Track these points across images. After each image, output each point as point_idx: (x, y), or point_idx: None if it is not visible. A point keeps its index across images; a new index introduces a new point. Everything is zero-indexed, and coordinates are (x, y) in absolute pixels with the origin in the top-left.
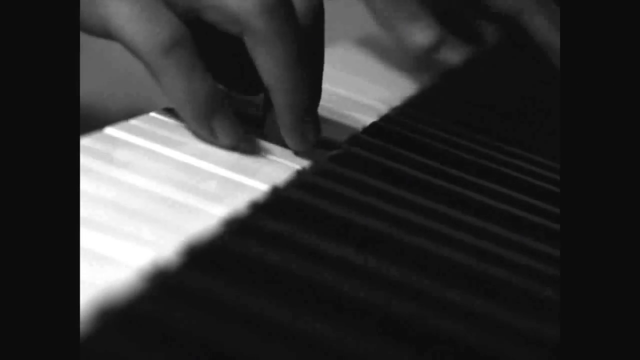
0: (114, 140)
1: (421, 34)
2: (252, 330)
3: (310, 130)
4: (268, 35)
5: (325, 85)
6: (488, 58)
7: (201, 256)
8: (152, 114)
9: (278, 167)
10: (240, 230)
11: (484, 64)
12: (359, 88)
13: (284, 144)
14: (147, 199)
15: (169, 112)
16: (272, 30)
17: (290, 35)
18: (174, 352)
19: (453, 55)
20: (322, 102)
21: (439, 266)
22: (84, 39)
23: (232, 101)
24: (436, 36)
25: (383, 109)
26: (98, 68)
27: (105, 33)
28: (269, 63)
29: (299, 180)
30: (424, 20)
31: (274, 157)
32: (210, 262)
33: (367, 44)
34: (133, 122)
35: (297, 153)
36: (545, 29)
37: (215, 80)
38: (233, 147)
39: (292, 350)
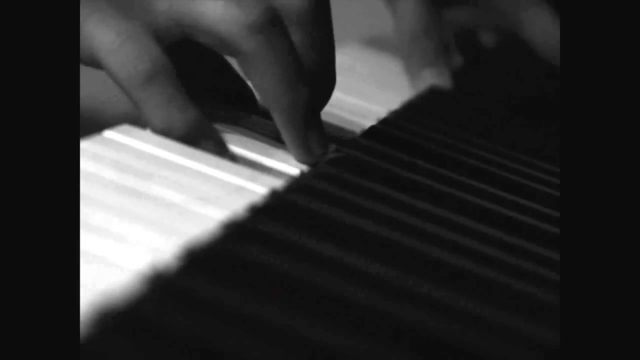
0: (113, 144)
1: (431, 80)
2: (251, 334)
3: (315, 143)
4: (259, 56)
5: None
6: (487, 61)
7: (200, 259)
8: None
9: (277, 170)
10: (239, 234)
11: (483, 67)
12: (358, 91)
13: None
14: (146, 202)
15: None
16: (262, 51)
17: (282, 53)
18: (173, 354)
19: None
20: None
21: (438, 269)
22: None
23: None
24: (445, 82)
25: (382, 112)
26: (98, 71)
27: (93, 63)
28: (264, 83)
29: (298, 184)
30: (436, 67)
31: (273, 161)
32: (209, 266)
33: (366, 47)
34: (132, 125)
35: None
36: (544, 27)
37: (211, 100)
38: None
39: (291, 353)
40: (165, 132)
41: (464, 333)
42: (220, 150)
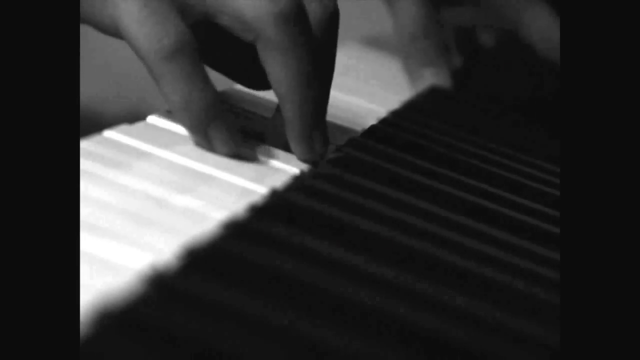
0: (113, 143)
1: (431, 80)
2: (251, 334)
3: (318, 140)
4: (281, 45)
5: None
6: (487, 61)
7: (200, 259)
8: (151, 117)
9: (277, 170)
10: (240, 234)
11: (483, 67)
12: (358, 91)
13: (285, 148)
14: (147, 202)
15: (168, 115)
16: (286, 40)
17: (304, 46)
18: (173, 355)
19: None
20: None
21: (439, 269)
22: (84, 43)
23: (237, 99)
24: (445, 82)
25: (382, 112)
26: (97, 71)
27: (116, 32)
28: (281, 73)
29: (298, 184)
30: (435, 66)
31: (273, 161)
32: (209, 266)
33: (366, 47)
34: (132, 125)
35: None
36: (544, 26)
37: (228, 77)
38: (230, 155)
39: (291, 353)
40: (182, 108)
41: (464, 333)
42: (233, 134)
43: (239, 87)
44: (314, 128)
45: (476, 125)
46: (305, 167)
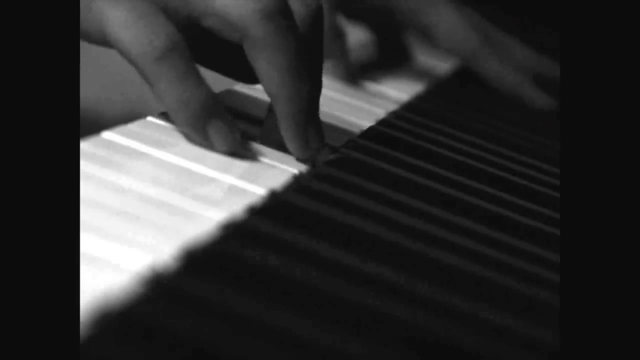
0: (111, 145)
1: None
2: (249, 334)
3: (312, 137)
4: (267, 42)
5: (323, 90)
6: None
7: (199, 261)
8: (149, 118)
9: (276, 171)
10: (238, 235)
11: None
12: (357, 92)
13: (280, 148)
14: (145, 203)
15: (166, 116)
16: (271, 37)
17: (290, 42)
18: (171, 355)
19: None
20: (319, 107)
21: (438, 270)
22: (83, 45)
23: (234, 101)
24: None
25: (381, 113)
26: (96, 73)
27: (102, 40)
28: (269, 71)
29: (297, 185)
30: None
31: (272, 161)
32: (208, 267)
33: (364, 48)
34: (130, 126)
35: (298, 159)
36: (498, 74)
37: (220, 72)
38: (229, 153)
39: (290, 354)
40: (178, 108)
41: (464, 334)
42: (232, 131)
43: (237, 88)
44: (308, 124)
45: (475, 127)
46: (303, 168)
